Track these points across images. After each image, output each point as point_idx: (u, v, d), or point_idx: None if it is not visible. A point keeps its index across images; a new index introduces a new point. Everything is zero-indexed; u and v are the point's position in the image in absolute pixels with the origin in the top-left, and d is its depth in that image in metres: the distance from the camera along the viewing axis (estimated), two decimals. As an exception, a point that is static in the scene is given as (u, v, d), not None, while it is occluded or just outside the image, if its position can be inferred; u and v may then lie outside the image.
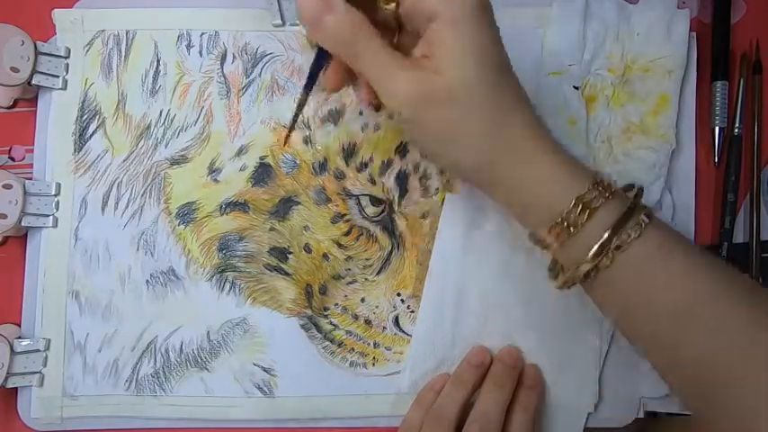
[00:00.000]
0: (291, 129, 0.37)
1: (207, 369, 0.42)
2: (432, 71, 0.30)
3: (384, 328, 0.42)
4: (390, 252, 0.42)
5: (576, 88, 0.42)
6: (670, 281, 0.30)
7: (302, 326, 0.42)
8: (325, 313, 0.42)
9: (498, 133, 0.31)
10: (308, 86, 0.35)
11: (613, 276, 0.30)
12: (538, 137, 0.31)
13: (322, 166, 0.42)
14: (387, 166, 0.42)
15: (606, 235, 0.29)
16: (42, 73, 0.42)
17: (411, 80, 0.30)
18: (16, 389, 0.41)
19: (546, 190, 0.31)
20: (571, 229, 0.30)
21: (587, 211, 0.30)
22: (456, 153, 0.31)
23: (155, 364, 0.42)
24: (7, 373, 0.40)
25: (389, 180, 0.42)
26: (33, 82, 0.42)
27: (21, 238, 0.43)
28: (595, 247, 0.29)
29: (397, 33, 0.34)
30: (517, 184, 0.31)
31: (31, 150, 0.43)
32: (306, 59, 0.43)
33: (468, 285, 0.41)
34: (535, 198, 0.31)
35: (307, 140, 0.43)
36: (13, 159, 0.44)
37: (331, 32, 0.30)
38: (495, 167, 0.31)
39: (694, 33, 0.42)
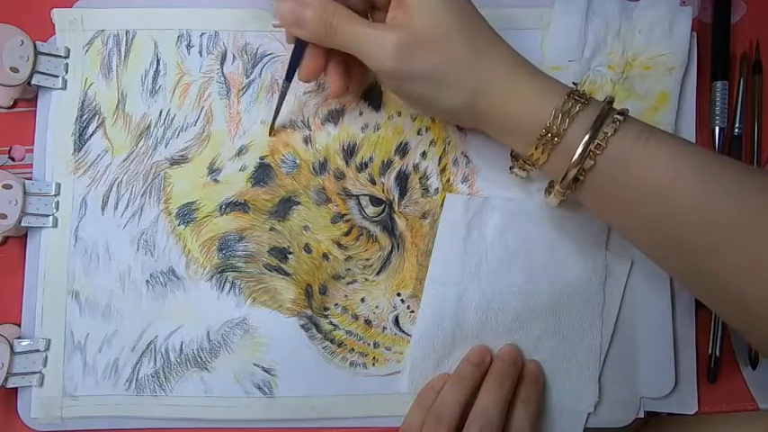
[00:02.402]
0: (275, 119, 0.41)
1: (207, 369, 0.42)
2: (406, 23, 0.34)
3: (384, 328, 0.42)
4: (390, 252, 0.42)
5: (576, 84, 0.42)
6: (651, 165, 0.32)
7: (302, 326, 0.42)
8: (326, 313, 0.42)
9: (480, 67, 0.34)
10: (289, 77, 0.39)
11: (600, 176, 0.33)
12: (515, 64, 0.35)
13: (322, 166, 0.42)
14: (387, 166, 0.42)
15: (587, 137, 0.32)
16: (42, 73, 0.42)
17: (391, 35, 0.34)
18: (16, 389, 0.41)
19: (528, 107, 0.34)
20: (555, 139, 0.33)
21: (567, 120, 0.33)
22: (446, 95, 0.35)
23: (155, 364, 0.42)
24: (7, 373, 0.40)
25: (389, 180, 0.42)
26: (33, 82, 0.42)
27: (21, 238, 0.43)
28: (579, 149, 0.32)
29: (370, 16, 0.39)
30: (503, 109, 0.34)
31: (31, 150, 0.43)
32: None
33: (468, 285, 0.41)
34: (520, 117, 0.34)
35: (307, 140, 0.43)
36: (13, 159, 0.44)
37: (311, 24, 0.35)
38: (483, 100, 0.35)
39: (694, 33, 0.42)
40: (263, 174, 0.42)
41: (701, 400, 0.41)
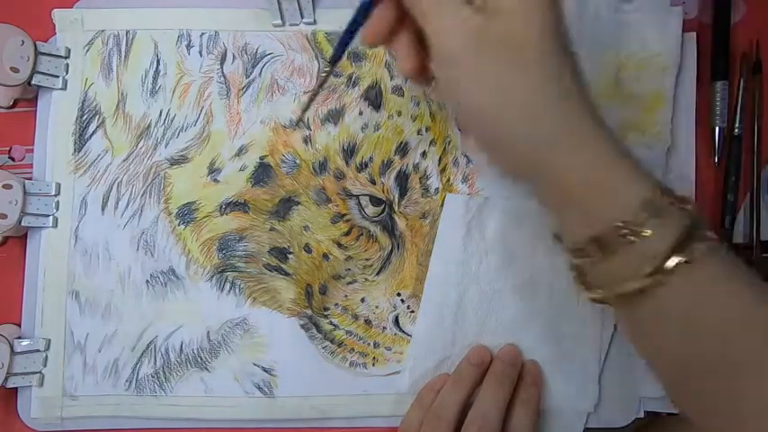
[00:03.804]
0: (308, 107, 0.36)
1: (207, 369, 0.42)
2: (493, 12, 0.26)
3: (384, 328, 0.42)
4: (390, 252, 0.42)
5: None
6: (729, 304, 0.27)
7: (302, 326, 0.42)
8: (326, 313, 0.42)
9: (558, 103, 0.27)
10: (337, 57, 0.32)
11: (665, 299, 0.27)
12: (600, 124, 0.27)
13: (322, 166, 0.42)
14: (387, 166, 0.42)
15: (672, 248, 0.26)
16: (42, 73, 0.42)
17: (469, 17, 0.26)
18: (16, 389, 0.41)
19: (607, 186, 0.27)
20: (631, 237, 0.26)
21: (655, 219, 0.26)
22: (507, 113, 0.27)
23: (155, 364, 0.42)
24: (7, 373, 0.40)
25: (389, 180, 0.42)
26: (33, 82, 0.42)
27: (21, 237, 0.43)
28: (657, 262, 0.26)
29: None
30: (571, 173, 0.27)
31: (31, 150, 0.43)
32: (306, 59, 0.43)
33: (468, 285, 0.41)
34: (591, 195, 0.27)
35: (307, 140, 0.43)
36: (13, 159, 0.44)
37: None
38: (549, 146, 0.27)
39: (694, 33, 0.42)
40: (262, 174, 0.42)
41: (701, 401, 0.41)
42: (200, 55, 0.43)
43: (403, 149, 0.42)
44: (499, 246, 0.41)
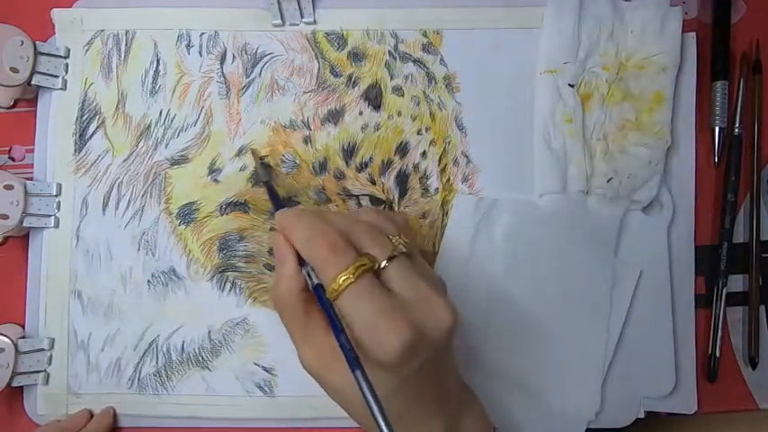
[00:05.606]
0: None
1: (208, 368, 0.42)
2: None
3: (384, 327, 0.42)
4: (390, 252, 0.42)
5: (572, 86, 0.42)
6: None
7: (303, 325, 0.42)
8: (326, 313, 0.42)
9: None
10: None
11: None
12: None
13: (322, 166, 0.42)
14: (387, 166, 0.42)
15: None
16: (42, 73, 0.42)
17: (312, 352, 0.33)
18: (23, 386, 0.42)
19: None
20: None
21: None
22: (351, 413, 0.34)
23: (156, 363, 0.42)
24: (13, 372, 0.40)
25: (389, 180, 0.42)
26: (33, 82, 0.42)
27: (22, 238, 0.43)
28: None
29: None
30: None
31: (32, 150, 0.43)
32: (306, 59, 0.43)
33: (471, 290, 0.41)
34: None
35: (306, 140, 0.43)
36: (13, 159, 0.44)
37: (276, 285, 0.33)
38: None
39: (694, 33, 0.42)
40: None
41: (700, 400, 0.42)
42: (200, 55, 0.43)
43: (403, 149, 0.42)
44: (507, 248, 0.41)
